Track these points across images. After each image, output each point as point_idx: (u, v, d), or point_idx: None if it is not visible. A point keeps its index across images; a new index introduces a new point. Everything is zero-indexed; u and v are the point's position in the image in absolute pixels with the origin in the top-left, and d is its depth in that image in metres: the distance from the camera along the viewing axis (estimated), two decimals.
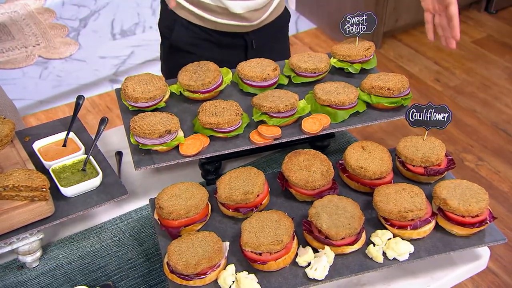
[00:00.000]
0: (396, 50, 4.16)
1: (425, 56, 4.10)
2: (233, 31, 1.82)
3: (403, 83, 1.51)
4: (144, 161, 1.37)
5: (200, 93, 1.54)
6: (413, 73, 3.89)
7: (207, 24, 1.80)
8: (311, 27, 4.53)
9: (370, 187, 1.38)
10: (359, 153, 1.42)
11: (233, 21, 1.78)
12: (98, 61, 4.09)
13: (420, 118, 1.40)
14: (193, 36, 1.83)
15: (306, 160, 1.41)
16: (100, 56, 4.15)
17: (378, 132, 3.34)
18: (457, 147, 3.24)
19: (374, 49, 1.67)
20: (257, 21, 1.80)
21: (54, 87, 3.82)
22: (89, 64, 4.07)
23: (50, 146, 1.43)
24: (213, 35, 1.82)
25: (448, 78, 3.86)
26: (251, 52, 1.89)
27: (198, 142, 1.41)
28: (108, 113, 3.54)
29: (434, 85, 3.78)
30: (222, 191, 1.34)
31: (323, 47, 4.28)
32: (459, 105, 3.58)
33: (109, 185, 1.34)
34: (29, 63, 4.08)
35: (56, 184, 1.31)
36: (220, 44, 1.86)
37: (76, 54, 4.19)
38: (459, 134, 3.32)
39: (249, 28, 1.83)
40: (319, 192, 1.36)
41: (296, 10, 4.69)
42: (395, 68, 3.96)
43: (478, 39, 4.31)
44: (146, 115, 1.43)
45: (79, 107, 1.50)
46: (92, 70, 3.99)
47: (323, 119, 1.47)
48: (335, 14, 4.25)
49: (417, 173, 1.40)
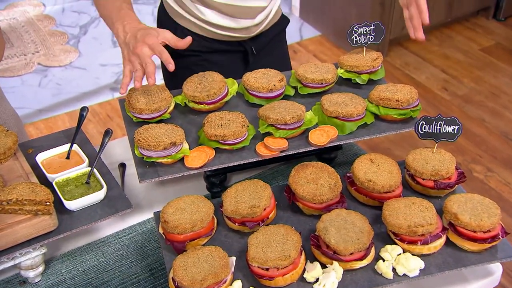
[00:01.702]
0: (402, 58, 4.18)
1: (432, 64, 4.12)
2: (232, 40, 1.86)
3: (412, 94, 1.53)
4: (148, 174, 1.38)
5: (205, 104, 1.55)
6: (420, 82, 3.91)
7: (208, 34, 1.82)
8: (315, 34, 4.55)
9: (379, 200, 1.39)
10: (368, 166, 1.43)
11: (234, 34, 1.82)
12: (99, 69, 4.12)
13: (430, 130, 1.41)
14: (195, 44, 1.85)
15: (314, 173, 1.42)
16: (101, 64, 4.17)
17: (384, 142, 3.35)
18: (465, 158, 3.25)
19: (382, 59, 1.68)
20: (255, 32, 1.85)
21: (54, 96, 3.84)
22: (90, 72, 4.09)
23: (54, 159, 1.44)
24: (214, 43, 1.85)
25: (456, 87, 3.87)
26: (251, 57, 1.92)
27: (203, 154, 1.42)
28: (108, 122, 3.55)
29: (442, 94, 3.79)
30: (228, 204, 1.35)
31: (327, 55, 4.30)
32: (467, 115, 3.59)
33: (113, 198, 1.35)
34: (28, 71, 4.11)
35: (59, 198, 1.32)
36: (221, 51, 1.89)
37: (76, 61, 4.22)
38: (468, 144, 3.33)
39: (246, 37, 1.87)
40: (327, 206, 1.37)
41: (300, 17, 4.72)
42: (402, 76, 3.98)
43: (486, 47, 4.32)
44: (150, 126, 1.44)
45: (83, 119, 1.51)
46: (92, 78, 4.02)
47: (330, 131, 1.48)
48: (340, 21, 4.28)
49: (427, 186, 1.41)
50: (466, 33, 4.49)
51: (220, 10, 1.74)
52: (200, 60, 1.89)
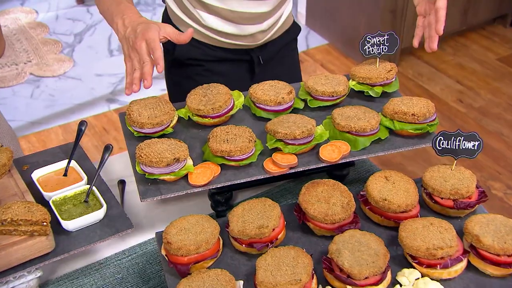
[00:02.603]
0: (415, 68, 4.20)
1: (447, 74, 4.14)
2: (238, 48, 1.87)
3: (428, 108, 1.53)
4: (150, 192, 1.38)
5: (210, 118, 1.56)
6: (434, 93, 3.92)
7: (212, 42, 1.84)
8: (322, 43, 4.58)
9: (394, 221, 1.39)
10: (382, 184, 1.43)
11: (238, 41, 1.83)
12: (94, 79, 4.14)
13: (448, 146, 1.41)
14: (198, 52, 1.87)
15: (325, 191, 1.42)
16: (97, 74, 4.20)
17: (396, 157, 3.36)
18: (483, 174, 3.24)
19: (396, 71, 1.69)
20: (262, 40, 1.86)
21: (47, 107, 3.86)
22: (85, 82, 4.12)
23: (50, 176, 1.44)
24: (218, 51, 1.86)
25: (472, 99, 3.88)
26: (258, 67, 1.93)
27: (208, 171, 1.42)
28: (104, 136, 3.56)
29: (457, 106, 3.80)
30: (235, 224, 1.35)
31: (335, 65, 4.33)
32: (484, 128, 3.59)
33: (113, 218, 1.35)
34: (19, 81, 4.13)
35: (56, 217, 1.32)
36: (226, 60, 1.90)
37: (70, 71, 4.25)
38: (486, 159, 3.33)
39: (254, 45, 1.88)
40: (340, 226, 1.37)
41: (307, 25, 4.76)
42: (414, 87, 4.00)
43: (504, 56, 4.34)
44: (152, 142, 1.45)
45: (81, 134, 1.52)
46: (87, 88, 4.04)
47: (342, 147, 1.49)
48: (348, 29, 4.30)
49: (446, 206, 1.41)
50: (482, 41, 4.51)
51: (221, 15, 1.75)
52: (203, 70, 1.90)
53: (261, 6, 1.75)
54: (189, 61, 1.90)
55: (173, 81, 2.05)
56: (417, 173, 3.23)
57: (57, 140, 3.57)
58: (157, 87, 3.97)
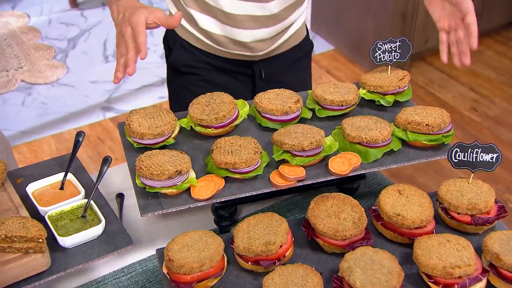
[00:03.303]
0: (426, 75, 4.21)
1: (459, 81, 4.14)
2: (238, 58, 1.85)
3: (443, 118, 1.54)
4: (151, 206, 1.38)
5: (213, 128, 1.56)
6: (446, 101, 3.93)
7: (208, 49, 1.83)
8: (328, 48, 4.60)
9: (409, 237, 1.39)
10: (395, 198, 1.43)
11: (236, 50, 1.81)
12: (89, 87, 4.15)
13: (465, 158, 1.42)
14: (193, 58, 1.86)
15: (335, 205, 1.42)
16: (91, 81, 4.21)
17: (407, 169, 3.36)
18: (499, 187, 3.24)
19: (409, 79, 1.69)
20: (263, 52, 1.83)
21: (39, 116, 3.87)
22: (79, 89, 4.13)
23: (46, 189, 1.44)
24: (215, 60, 1.86)
25: (487, 107, 3.89)
26: (260, 82, 1.90)
27: (212, 184, 1.42)
28: (99, 146, 3.57)
29: (471, 115, 3.81)
30: (240, 240, 1.35)
31: (342, 71, 4.34)
32: (500, 138, 3.59)
33: (112, 233, 1.35)
34: (10, 89, 4.15)
35: (52, 233, 1.32)
36: (223, 70, 1.88)
37: (63, 78, 4.26)
38: (502, 171, 3.33)
39: (255, 57, 1.85)
40: (351, 242, 1.37)
41: (311, 29, 4.77)
42: (425, 95, 4.00)
43: None
44: (153, 153, 1.45)
45: (78, 145, 1.52)
46: (82, 96, 4.05)
47: (353, 159, 1.49)
48: (355, 33, 4.32)
49: (463, 222, 1.41)
50: (497, 47, 4.52)
51: (215, 15, 1.72)
52: (199, 80, 1.89)
53: (256, 8, 1.72)
54: (185, 68, 1.89)
55: (171, 90, 2.05)
56: (429, 186, 3.23)
57: (50, 151, 3.57)
58: (154, 95, 4.00)
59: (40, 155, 3.53)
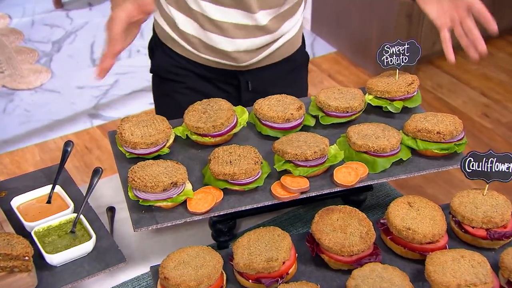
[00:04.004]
0: (434, 79, 4.22)
1: (470, 85, 4.16)
2: (222, 68, 1.84)
3: (455, 125, 1.54)
4: (144, 220, 1.38)
5: (210, 137, 1.56)
6: (456, 107, 3.95)
7: (189, 55, 1.83)
8: (329, 51, 4.61)
9: (420, 253, 1.39)
10: (405, 211, 1.43)
11: (217, 59, 1.80)
12: (75, 92, 4.15)
13: (479, 168, 1.42)
14: (175, 65, 1.86)
15: (341, 219, 1.42)
16: (78, 86, 4.21)
17: (415, 179, 3.36)
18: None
19: (418, 84, 1.70)
20: (246, 63, 1.82)
21: (22, 124, 3.87)
22: (64, 95, 4.13)
23: (32, 203, 1.44)
24: (198, 68, 1.85)
25: (500, 113, 3.90)
26: (246, 94, 1.90)
27: (209, 196, 1.42)
28: (86, 156, 3.57)
29: (482, 121, 3.82)
30: (240, 257, 1.34)
31: (344, 75, 4.35)
32: None
33: (103, 250, 1.35)
34: None
35: (39, 251, 1.31)
36: (207, 79, 1.88)
37: (48, 83, 4.26)
38: None
39: (239, 67, 1.84)
40: (358, 259, 1.37)
41: (312, 31, 4.79)
42: (434, 100, 4.01)
43: None
44: (147, 164, 1.45)
45: (67, 155, 1.53)
46: (67, 103, 4.05)
47: (359, 169, 1.49)
48: (358, 35, 4.34)
49: (478, 236, 1.41)
50: (509, 49, 4.55)
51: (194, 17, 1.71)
52: (183, 88, 1.89)
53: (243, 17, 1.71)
54: (168, 75, 1.89)
55: (155, 98, 2.05)
56: (438, 197, 3.23)
57: (33, 161, 3.56)
58: (145, 100, 4.00)
59: (23, 165, 3.52)
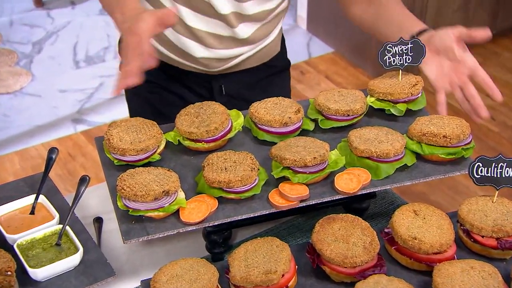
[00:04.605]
0: None
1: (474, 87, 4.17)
2: (191, 70, 1.84)
3: (463, 128, 1.55)
4: (135, 231, 1.38)
5: (204, 143, 1.56)
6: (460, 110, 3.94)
7: (160, 57, 1.81)
8: (327, 51, 4.63)
9: (427, 264, 1.39)
10: (411, 220, 1.43)
11: (187, 62, 1.80)
12: (57, 96, 4.15)
13: (488, 174, 1.43)
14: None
15: (343, 228, 1.42)
16: (60, 90, 4.21)
17: (417, 185, 3.37)
18: None
19: (423, 85, 1.70)
20: (218, 69, 1.82)
21: (0, 130, 3.86)
22: (46, 99, 4.12)
23: (14, 214, 1.43)
24: (168, 68, 1.86)
25: (506, 116, 3.92)
26: (220, 98, 1.89)
27: (203, 205, 1.42)
28: (70, 163, 3.56)
29: (488, 124, 3.84)
30: (237, 269, 1.34)
31: (343, 76, 4.37)
32: None
33: (91, 263, 1.35)
34: None
35: (23, 265, 1.30)
36: (176, 78, 1.88)
37: (28, 87, 4.25)
38: None
39: (212, 72, 1.85)
40: (362, 270, 1.37)
41: (308, 30, 4.81)
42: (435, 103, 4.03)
43: None
44: (137, 171, 1.45)
45: (51, 163, 1.52)
46: (49, 107, 4.04)
47: (361, 175, 1.49)
48: (356, 35, 4.35)
49: (488, 246, 1.41)
50: None
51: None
52: (154, 88, 1.90)
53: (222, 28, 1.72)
54: None
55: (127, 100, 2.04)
56: (443, 204, 3.24)
57: (13, 170, 3.55)
58: None
59: (2, 174, 3.51)
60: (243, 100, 1.84)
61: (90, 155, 3.59)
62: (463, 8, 4.14)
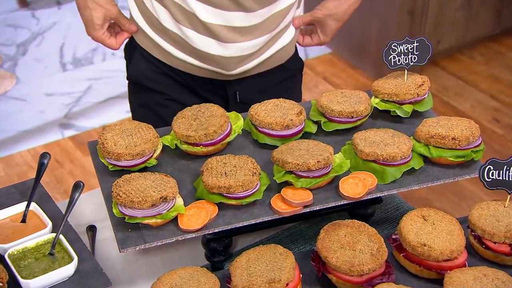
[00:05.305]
0: (439, 81, 4.25)
1: (478, 88, 4.19)
2: (207, 76, 1.84)
3: (472, 130, 1.55)
4: (131, 240, 1.38)
5: (202, 146, 1.56)
6: (463, 111, 3.97)
7: (171, 62, 1.82)
8: (324, 51, 4.63)
9: (437, 271, 1.39)
10: (420, 226, 1.43)
11: (203, 64, 1.79)
12: (44, 100, 4.13)
13: (500, 177, 1.43)
14: (155, 70, 1.85)
15: (349, 235, 1.42)
16: (46, 93, 4.19)
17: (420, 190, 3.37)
18: None
19: (429, 85, 1.71)
20: (235, 71, 1.82)
21: None
22: (32, 103, 4.11)
23: (5, 223, 1.43)
24: (179, 74, 1.85)
25: (511, 117, 3.93)
26: (234, 106, 1.89)
27: (203, 212, 1.42)
28: (57, 170, 3.54)
29: (492, 126, 3.85)
30: (239, 279, 1.34)
31: (341, 78, 4.37)
32: None
33: (86, 274, 1.34)
34: None
35: (14, 276, 1.30)
36: (189, 88, 1.88)
37: (13, 91, 4.24)
38: None
39: (228, 77, 1.84)
40: (369, 278, 1.37)
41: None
42: (439, 104, 4.04)
43: None
44: (133, 177, 1.44)
45: (43, 169, 1.51)
46: (35, 111, 4.03)
47: (367, 179, 1.49)
48: (356, 34, 4.36)
49: (501, 252, 1.41)
50: None
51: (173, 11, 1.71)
52: (164, 99, 1.89)
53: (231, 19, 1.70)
54: (147, 83, 1.88)
55: (132, 109, 2.03)
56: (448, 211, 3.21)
57: None
58: (122, 108, 3.99)
59: None
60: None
61: (79, 161, 3.58)
62: (465, 6, 4.16)
